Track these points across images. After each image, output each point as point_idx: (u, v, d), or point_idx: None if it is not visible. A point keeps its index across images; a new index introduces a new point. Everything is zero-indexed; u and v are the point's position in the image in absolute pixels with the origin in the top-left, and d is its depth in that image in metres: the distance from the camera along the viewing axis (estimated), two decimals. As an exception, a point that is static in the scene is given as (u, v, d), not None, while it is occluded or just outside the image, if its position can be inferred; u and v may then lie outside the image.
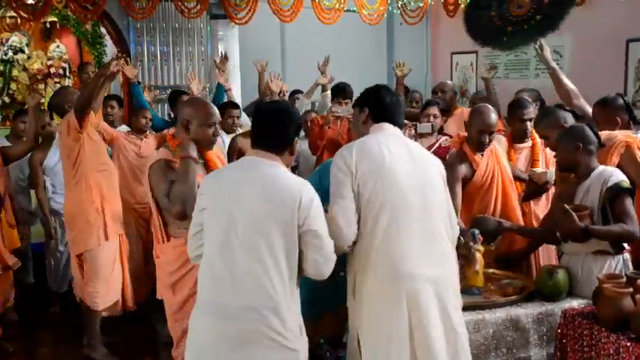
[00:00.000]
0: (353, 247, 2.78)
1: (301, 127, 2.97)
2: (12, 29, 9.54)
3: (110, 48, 8.76)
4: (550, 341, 3.22)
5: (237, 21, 7.46)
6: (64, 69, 9.72)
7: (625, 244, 3.37)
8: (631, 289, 2.88)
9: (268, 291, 2.55)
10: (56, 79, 9.73)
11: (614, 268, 3.32)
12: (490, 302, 3.26)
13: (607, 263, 3.33)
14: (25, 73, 9.43)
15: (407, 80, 6.39)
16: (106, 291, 4.58)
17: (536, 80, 7.22)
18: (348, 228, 2.74)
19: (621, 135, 3.92)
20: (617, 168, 3.61)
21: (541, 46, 4.39)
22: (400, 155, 2.82)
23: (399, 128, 2.98)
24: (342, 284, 3.02)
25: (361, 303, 2.77)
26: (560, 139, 3.49)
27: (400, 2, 7.87)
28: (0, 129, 7.98)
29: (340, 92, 5.81)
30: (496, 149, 4.09)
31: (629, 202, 3.28)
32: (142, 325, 4.89)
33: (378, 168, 2.76)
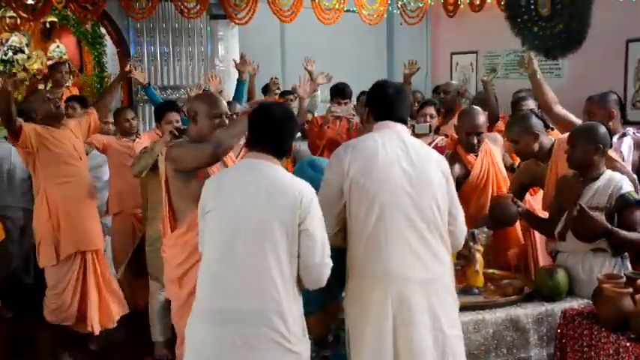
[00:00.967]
0: (348, 244, 2.78)
1: (297, 132, 2.94)
2: (12, 29, 9.54)
3: (110, 48, 8.77)
4: (550, 341, 3.22)
5: (237, 21, 7.47)
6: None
7: None
8: (631, 289, 2.88)
9: (271, 293, 2.54)
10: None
11: (613, 266, 3.32)
12: (490, 302, 3.26)
13: (607, 261, 3.33)
14: (25, 74, 9.42)
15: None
16: (58, 309, 4.48)
17: (535, 80, 7.20)
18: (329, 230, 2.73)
19: None
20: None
21: (529, 59, 4.38)
22: (397, 154, 2.77)
23: (403, 122, 2.90)
24: (328, 284, 3.01)
25: (349, 300, 2.78)
26: (577, 138, 3.41)
27: (400, 2, 7.88)
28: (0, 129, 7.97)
29: (339, 92, 5.81)
30: (490, 149, 4.12)
31: (639, 214, 3.26)
32: (142, 325, 4.88)
33: (372, 167, 2.74)
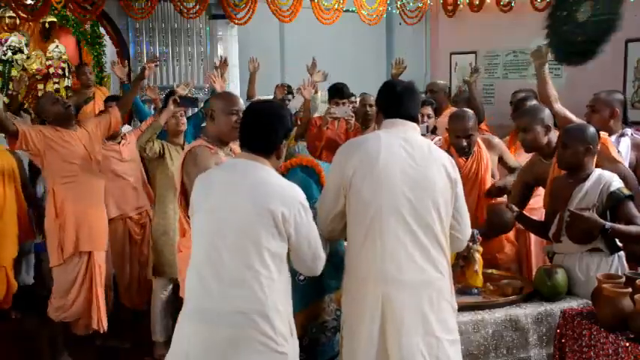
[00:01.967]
0: (347, 237, 2.78)
1: (291, 130, 2.86)
2: (11, 29, 9.56)
3: (109, 48, 8.77)
4: (549, 341, 3.22)
5: (236, 21, 7.46)
6: (63, 69, 9.74)
7: (620, 244, 3.38)
8: (630, 290, 2.88)
9: (258, 295, 2.52)
10: (55, 80, 9.74)
11: (610, 265, 3.34)
12: (489, 302, 3.26)
13: (603, 260, 3.35)
14: (25, 74, 9.42)
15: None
16: (61, 307, 4.53)
17: (535, 80, 7.19)
18: (323, 227, 2.78)
19: (604, 137, 3.96)
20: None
21: (547, 51, 4.38)
22: (399, 155, 2.71)
23: (413, 119, 2.84)
24: (303, 288, 3.01)
25: (346, 299, 2.78)
26: (570, 138, 3.42)
27: (399, 2, 7.89)
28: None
29: (337, 93, 5.81)
30: (482, 153, 4.11)
31: (633, 207, 3.29)
32: (142, 326, 4.88)
33: (371, 167, 2.69)
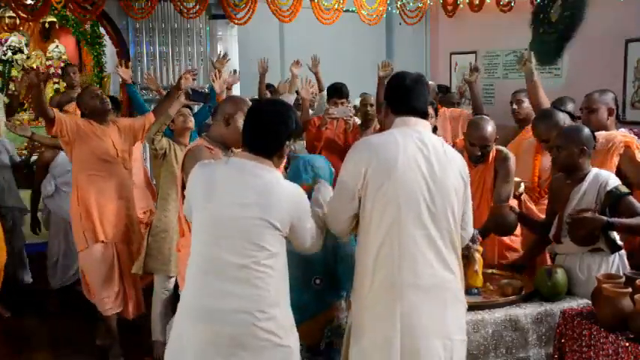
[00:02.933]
0: (358, 241, 2.76)
1: (296, 131, 2.80)
2: (11, 29, 9.57)
3: (109, 48, 8.78)
4: (549, 341, 3.22)
5: (236, 21, 7.46)
6: (62, 69, 9.72)
7: (620, 242, 3.38)
8: (630, 289, 2.88)
9: (258, 293, 2.54)
10: (55, 79, 9.74)
11: (611, 265, 3.34)
12: (489, 302, 3.26)
13: (604, 260, 3.35)
14: (25, 74, 9.42)
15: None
16: (107, 296, 4.63)
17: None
18: (334, 228, 2.78)
19: (620, 135, 3.94)
20: (616, 169, 3.62)
21: (529, 57, 4.35)
22: (417, 158, 2.65)
23: (424, 114, 2.78)
24: (320, 292, 3.02)
25: (357, 299, 2.75)
26: (563, 140, 3.43)
27: (399, 2, 7.88)
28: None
29: (336, 92, 5.79)
30: (492, 163, 3.99)
31: (635, 201, 3.30)
32: (142, 326, 4.88)
33: (389, 171, 2.63)
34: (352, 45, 8.73)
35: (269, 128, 2.67)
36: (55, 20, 9.20)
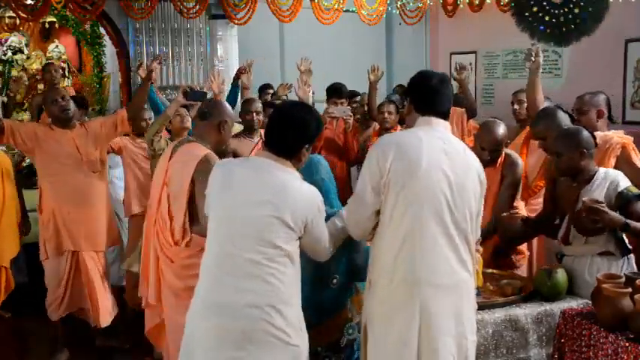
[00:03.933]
0: (374, 239, 2.77)
1: (316, 136, 2.80)
2: (11, 29, 9.56)
3: (109, 48, 8.77)
4: (549, 341, 3.22)
5: (236, 21, 7.46)
6: (63, 69, 9.72)
7: (629, 246, 3.37)
8: (630, 289, 2.88)
9: (271, 289, 2.57)
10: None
11: (620, 268, 3.32)
12: (489, 302, 3.26)
13: (613, 263, 3.33)
14: (24, 74, 9.43)
15: (407, 81, 6.31)
16: (55, 303, 4.57)
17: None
18: (356, 228, 2.79)
19: (617, 137, 3.94)
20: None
21: (537, 52, 4.34)
22: (440, 157, 2.67)
23: (445, 116, 2.80)
24: (337, 291, 3.03)
25: (375, 296, 2.74)
26: (561, 146, 3.38)
27: (399, 2, 7.88)
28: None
29: (335, 92, 5.80)
30: (500, 168, 3.98)
31: None
32: (142, 326, 4.87)
33: (413, 171, 2.64)
34: (352, 45, 8.73)
35: (288, 131, 2.69)
36: (55, 20, 9.20)
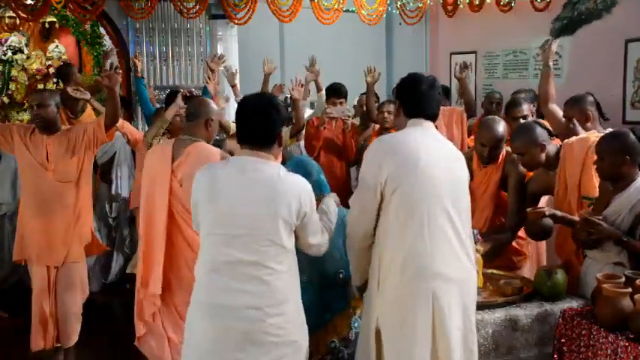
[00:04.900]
0: (377, 239, 2.78)
1: (286, 115, 2.86)
2: (11, 29, 9.54)
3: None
4: (549, 341, 3.22)
5: (236, 21, 7.46)
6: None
7: None
8: (630, 289, 2.88)
9: (270, 289, 2.59)
10: (55, 79, 9.72)
11: None
12: (489, 302, 3.26)
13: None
14: (24, 74, 9.42)
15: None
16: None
17: (535, 80, 7.18)
18: (357, 230, 2.81)
19: (594, 136, 3.93)
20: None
21: (550, 43, 4.34)
22: (437, 155, 2.77)
23: (433, 119, 2.88)
24: (345, 286, 3.07)
25: (385, 295, 2.75)
26: (606, 149, 3.30)
27: (399, 2, 7.88)
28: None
29: (334, 92, 5.81)
30: (501, 167, 3.99)
31: None
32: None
33: (412, 170, 2.70)
34: (352, 45, 8.73)
35: (263, 120, 2.70)
36: (55, 20, 9.17)
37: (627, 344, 2.75)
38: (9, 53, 9.37)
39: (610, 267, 3.30)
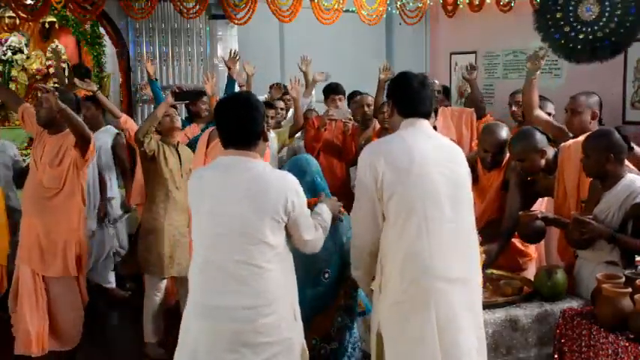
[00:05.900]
0: (383, 245, 2.77)
1: (263, 110, 2.81)
2: (11, 29, 9.54)
3: (109, 48, 8.76)
4: (549, 341, 3.22)
5: (236, 21, 7.45)
6: (63, 69, 9.71)
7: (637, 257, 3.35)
8: (630, 289, 2.88)
9: (261, 289, 2.59)
10: (55, 80, 9.72)
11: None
12: (489, 302, 3.26)
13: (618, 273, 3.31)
14: (24, 74, 9.42)
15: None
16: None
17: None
18: (364, 236, 2.79)
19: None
20: None
21: (543, 56, 4.33)
22: (432, 156, 2.73)
23: (427, 117, 2.86)
24: (328, 286, 3.09)
25: (386, 300, 2.74)
26: (591, 147, 3.34)
27: (399, 2, 7.87)
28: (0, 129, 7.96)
29: (333, 90, 5.90)
30: (504, 170, 3.99)
31: None
32: (141, 326, 4.87)
33: (408, 173, 2.69)
34: (352, 45, 8.72)
35: (244, 119, 2.71)
36: (55, 20, 9.18)
37: (627, 344, 2.75)
38: (9, 53, 9.37)
39: (603, 266, 3.31)
